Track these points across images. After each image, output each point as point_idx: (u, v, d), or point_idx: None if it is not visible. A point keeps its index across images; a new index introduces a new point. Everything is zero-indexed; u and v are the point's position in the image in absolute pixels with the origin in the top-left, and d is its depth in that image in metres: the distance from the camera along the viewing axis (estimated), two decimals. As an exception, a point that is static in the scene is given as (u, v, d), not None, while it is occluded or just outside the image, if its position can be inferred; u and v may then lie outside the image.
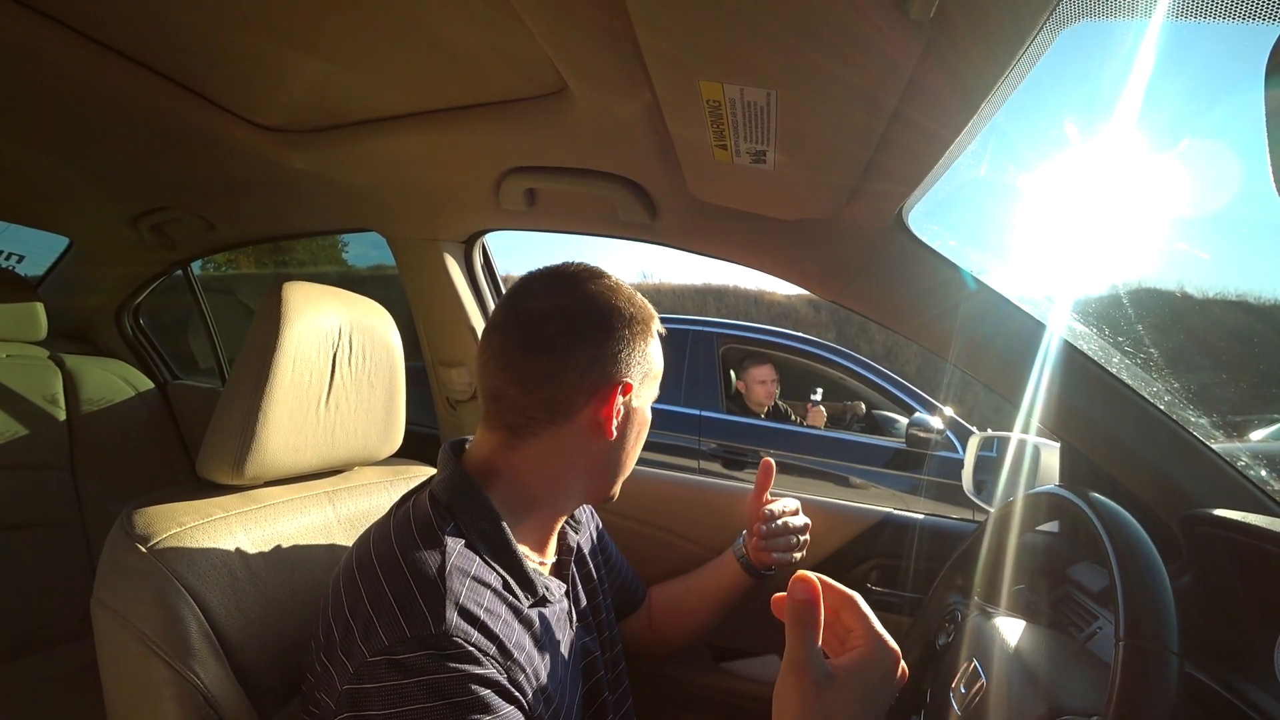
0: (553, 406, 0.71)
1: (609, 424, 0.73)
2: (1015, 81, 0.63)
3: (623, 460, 0.79)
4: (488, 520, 0.70)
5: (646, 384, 0.78)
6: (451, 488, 0.71)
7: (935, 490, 3.03)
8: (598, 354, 0.72)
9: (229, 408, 0.80)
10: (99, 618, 0.69)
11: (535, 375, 0.71)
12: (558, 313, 0.72)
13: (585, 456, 0.75)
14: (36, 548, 1.58)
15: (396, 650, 0.57)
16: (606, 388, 0.72)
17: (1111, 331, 1.02)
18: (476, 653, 0.59)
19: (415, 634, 0.57)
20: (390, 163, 1.15)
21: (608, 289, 0.75)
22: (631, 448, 0.80)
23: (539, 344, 0.71)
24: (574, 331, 0.71)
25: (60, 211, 1.80)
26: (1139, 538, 0.61)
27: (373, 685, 0.56)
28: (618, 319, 0.74)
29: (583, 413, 0.72)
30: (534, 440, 0.73)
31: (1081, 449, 0.99)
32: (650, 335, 0.78)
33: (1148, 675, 0.51)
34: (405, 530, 0.66)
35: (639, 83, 0.73)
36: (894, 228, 0.96)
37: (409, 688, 0.55)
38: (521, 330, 0.72)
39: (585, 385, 0.71)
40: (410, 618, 0.58)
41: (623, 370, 0.73)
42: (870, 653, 0.53)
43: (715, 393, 3.41)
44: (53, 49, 0.89)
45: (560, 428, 0.73)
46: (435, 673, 0.56)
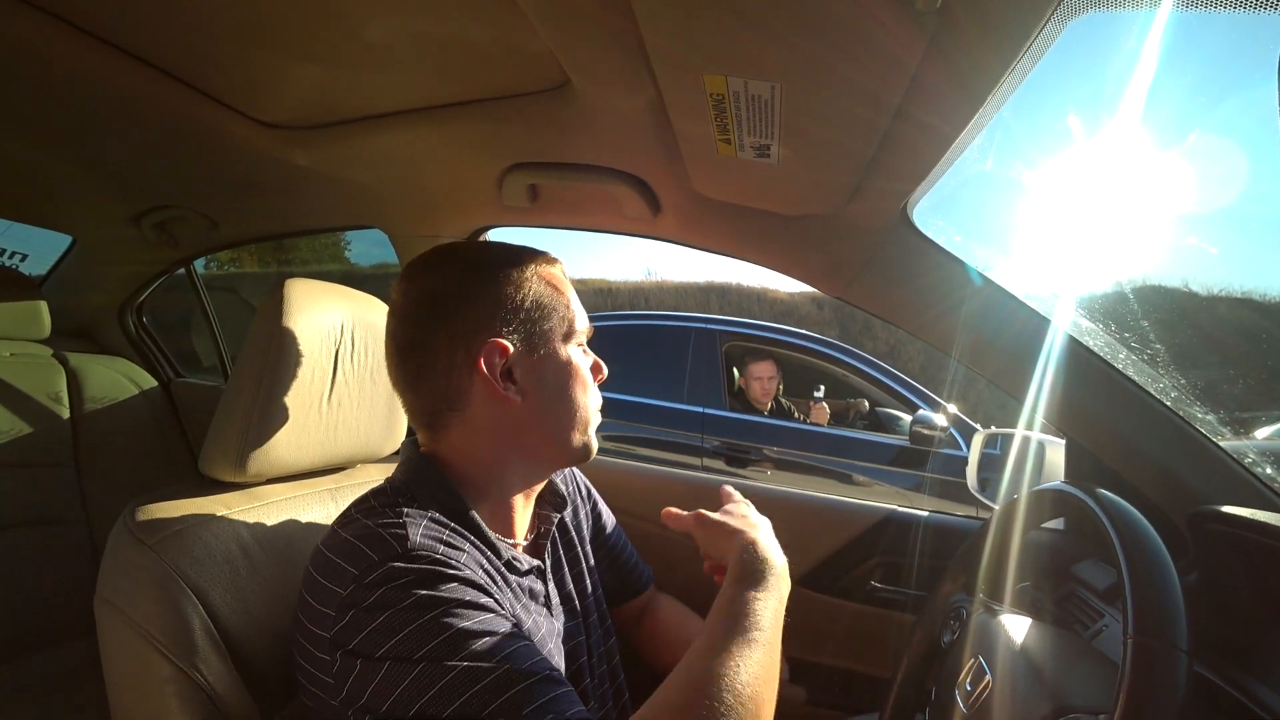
0: (444, 396, 0.71)
1: (498, 390, 0.70)
2: (1021, 75, 0.63)
3: (562, 415, 0.75)
4: (444, 492, 0.70)
5: (547, 328, 0.74)
6: (409, 468, 0.73)
7: (939, 488, 3.02)
8: (454, 330, 0.70)
9: (231, 405, 0.80)
10: (102, 614, 0.69)
11: (412, 376, 0.72)
12: (410, 311, 0.72)
13: (506, 428, 0.73)
14: (40, 545, 1.58)
15: (365, 575, 0.57)
16: (483, 359, 0.70)
17: (1117, 327, 1.01)
18: (445, 558, 0.60)
19: (381, 557, 0.58)
20: (393, 159, 1.15)
21: (452, 262, 0.74)
22: (562, 400, 0.75)
23: (402, 348, 0.72)
24: (424, 319, 0.71)
25: (63, 210, 1.80)
26: (1147, 534, 0.60)
27: (353, 613, 0.56)
28: (465, 287, 0.71)
29: (473, 390, 0.71)
30: (449, 431, 0.73)
31: (1087, 446, 0.98)
32: (518, 283, 0.73)
33: (1156, 673, 0.50)
34: (363, 502, 0.69)
35: (642, 77, 0.73)
36: (898, 223, 0.95)
37: (383, 595, 0.56)
38: (390, 340, 0.74)
39: (458, 363, 0.70)
40: (374, 545, 0.59)
41: (486, 332, 0.70)
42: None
43: (718, 390, 3.40)
44: (55, 46, 0.88)
45: (463, 412, 0.72)
46: (405, 575, 0.57)
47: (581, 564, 0.91)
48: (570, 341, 0.77)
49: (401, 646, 0.53)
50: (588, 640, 0.86)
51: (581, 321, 0.79)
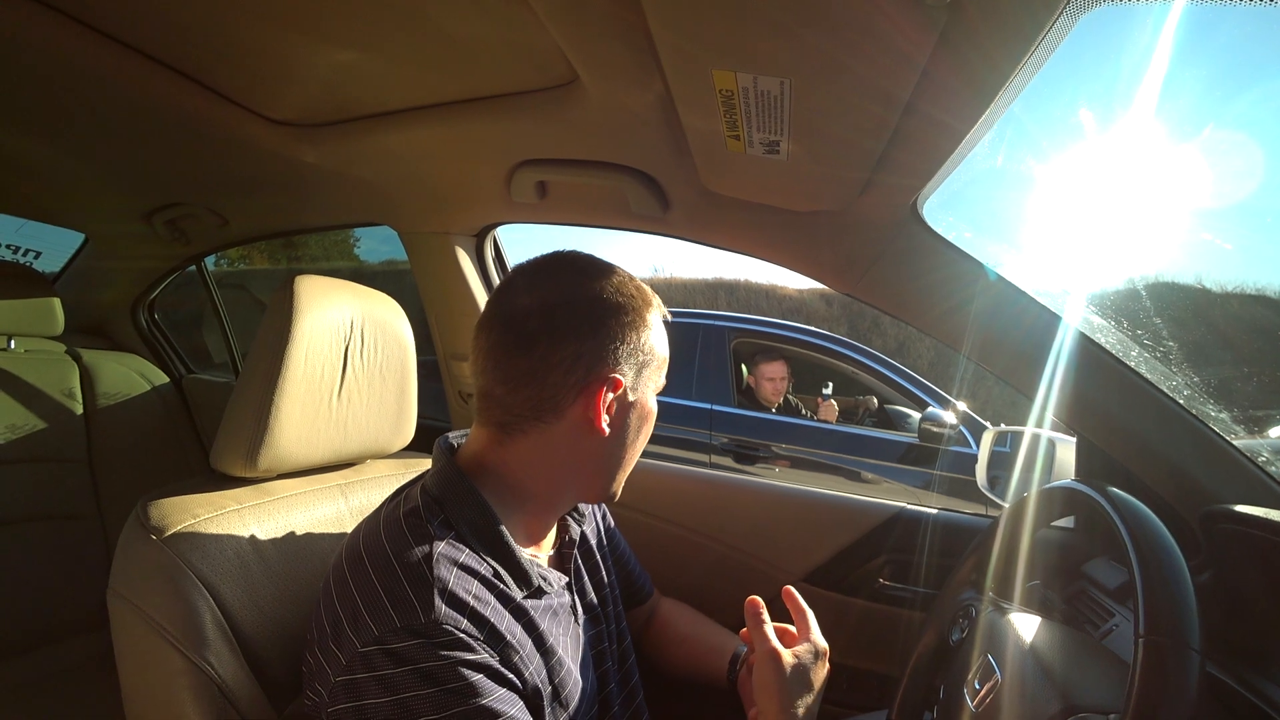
0: (538, 405, 0.70)
1: (599, 421, 0.70)
2: (1033, 70, 0.62)
3: (623, 456, 0.76)
4: (477, 512, 0.69)
5: (645, 375, 0.75)
6: (443, 481, 0.71)
7: (948, 485, 3.01)
8: (582, 350, 0.69)
9: (242, 400, 0.80)
10: (115, 608, 0.70)
11: (519, 374, 0.70)
12: (539, 309, 0.70)
13: (578, 453, 0.73)
14: (55, 539, 1.60)
15: (387, 640, 0.57)
16: (594, 383, 0.70)
17: (1130, 325, 1.00)
18: (467, 639, 0.59)
19: (405, 623, 0.58)
20: (401, 156, 1.16)
21: (596, 279, 0.73)
22: (632, 443, 0.76)
23: (520, 342, 0.69)
24: (555, 328, 0.69)
25: (76, 208, 1.82)
26: (1159, 533, 0.60)
27: (365, 675, 0.56)
28: (604, 311, 0.71)
29: (571, 410, 0.70)
30: (523, 438, 0.72)
31: (1098, 444, 0.97)
32: (645, 324, 0.74)
33: (1168, 672, 0.50)
34: (393, 522, 0.66)
35: (651, 73, 0.73)
36: (908, 219, 0.94)
37: (401, 675, 0.56)
38: (504, 328, 0.71)
39: (570, 383, 0.69)
40: (399, 607, 0.58)
41: (610, 365, 0.70)
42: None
43: (726, 387, 3.40)
44: (67, 45, 0.89)
45: (549, 425, 0.71)
46: (427, 660, 0.57)
47: (601, 572, 0.91)
48: (656, 391, 0.78)
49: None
50: (610, 648, 0.87)
51: (665, 373, 0.79)
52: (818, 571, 1.29)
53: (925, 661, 0.92)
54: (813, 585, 1.29)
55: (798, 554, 1.30)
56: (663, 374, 0.78)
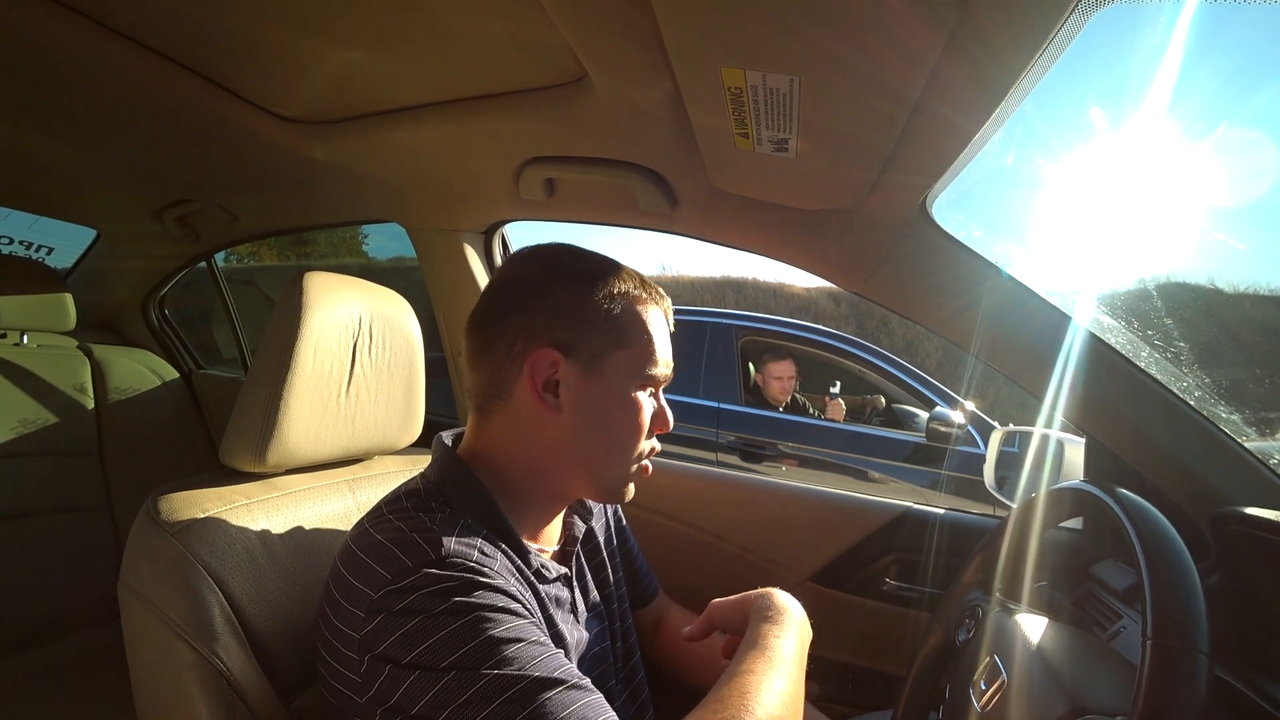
0: (494, 380, 0.71)
1: (537, 396, 0.69)
2: (1044, 68, 0.61)
3: (594, 446, 0.73)
4: (475, 494, 0.70)
5: (617, 358, 0.71)
6: (442, 467, 0.72)
7: (956, 485, 2.99)
8: (524, 322, 0.70)
9: (251, 396, 0.81)
10: (125, 601, 0.70)
11: (477, 351, 0.73)
12: (498, 286, 0.73)
13: (544, 436, 0.72)
14: (66, 532, 1.61)
15: (399, 579, 0.57)
16: (536, 357, 0.69)
17: (1140, 325, 0.99)
18: (479, 566, 0.60)
19: (415, 562, 0.58)
20: (410, 153, 1.16)
21: (558, 260, 0.73)
22: (604, 431, 0.73)
23: (481, 320, 0.73)
24: (506, 300, 0.72)
25: (88, 204, 1.83)
26: (1168, 535, 0.59)
27: (383, 617, 0.56)
28: (557, 282, 0.70)
29: (516, 386, 0.70)
30: (491, 418, 0.73)
31: (1108, 444, 0.97)
32: (612, 305, 0.71)
33: (1176, 675, 0.50)
34: (393, 500, 0.68)
35: (660, 70, 0.73)
36: (917, 218, 0.94)
37: (416, 600, 0.55)
38: (476, 310, 0.75)
39: (513, 355, 0.70)
40: (409, 551, 0.59)
41: (545, 337, 0.69)
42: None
43: (733, 385, 3.40)
44: (78, 44, 0.90)
45: (505, 404, 0.72)
46: (439, 582, 0.57)
47: (606, 571, 0.91)
48: (635, 383, 0.73)
49: (431, 654, 0.54)
50: (612, 646, 0.86)
51: (659, 368, 0.75)
52: (823, 571, 1.28)
53: (931, 661, 0.92)
54: (818, 584, 1.29)
55: (803, 553, 1.30)
56: (650, 363, 0.74)
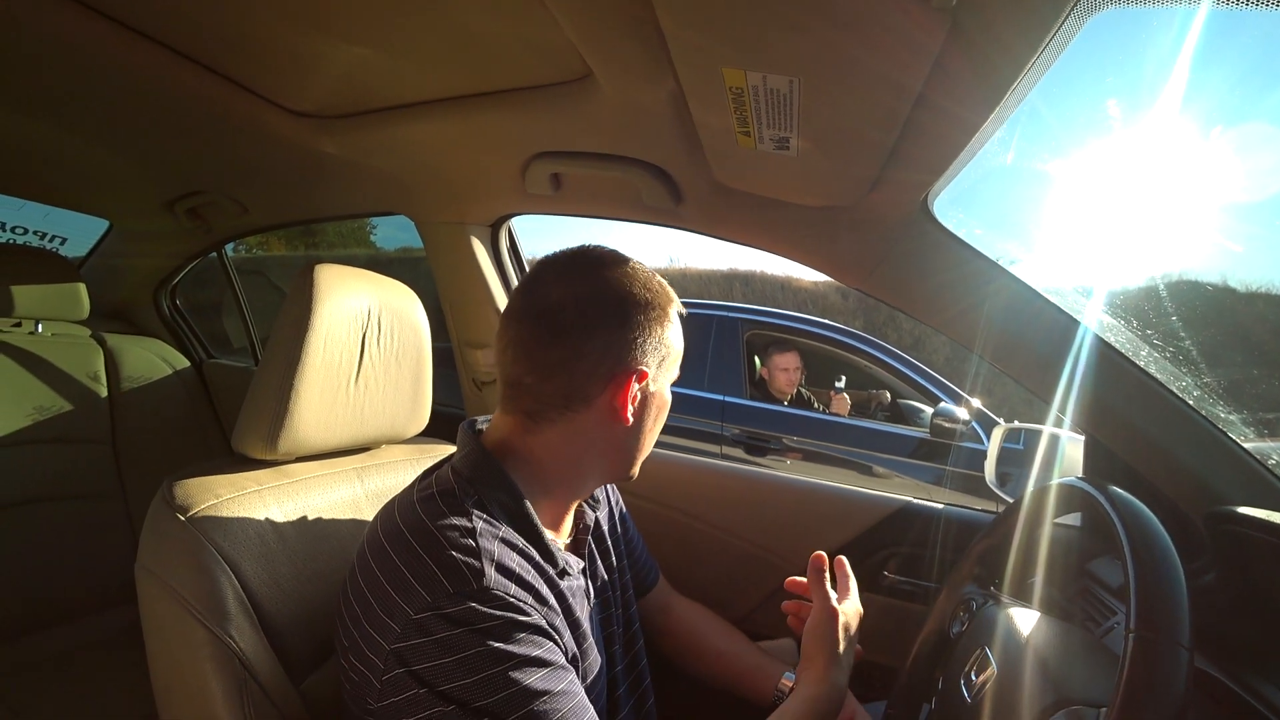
0: (568, 394, 0.72)
1: (624, 411, 0.73)
2: (1043, 68, 0.62)
3: (641, 443, 0.80)
4: (508, 494, 0.72)
5: (665, 368, 0.78)
6: (473, 463, 0.73)
7: (960, 481, 3.00)
8: (611, 341, 0.72)
9: (263, 385, 0.83)
10: (142, 582, 0.73)
11: (550, 365, 0.72)
12: (571, 301, 0.72)
13: (602, 441, 0.76)
14: (81, 518, 1.64)
15: (442, 605, 0.59)
16: (621, 375, 0.72)
17: (1140, 324, 1.00)
18: (518, 601, 0.62)
19: (458, 589, 0.60)
20: (418, 147, 1.17)
21: (623, 275, 0.75)
22: (649, 431, 0.80)
23: (553, 334, 0.71)
24: (587, 320, 0.71)
25: (101, 196, 1.86)
26: (1154, 530, 0.60)
27: (423, 640, 0.58)
28: (632, 305, 0.73)
29: (598, 400, 0.73)
30: (550, 426, 0.74)
31: (1105, 442, 0.98)
32: (668, 319, 0.77)
33: (1156, 667, 0.51)
34: (430, 500, 0.69)
35: (663, 69, 0.74)
36: (919, 215, 0.95)
37: (459, 636, 0.58)
38: (536, 320, 0.72)
39: (600, 373, 0.72)
40: (451, 576, 0.61)
41: (638, 357, 0.73)
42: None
43: (739, 379, 3.41)
44: (94, 39, 0.91)
45: (576, 414, 0.73)
46: (483, 621, 0.59)
47: (611, 558, 0.94)
48: (671, 382, 0.81)
49: (467, 691, 0.57)
50: (618, 630, 0.90)
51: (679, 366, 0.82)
52: (823, 563, 1.30)
53: (925, 654, 0.93)
54: (818, 577, 1.30)
55: (803, 546, 1.31)
56: (678, 367, 0.81)
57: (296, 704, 0.75)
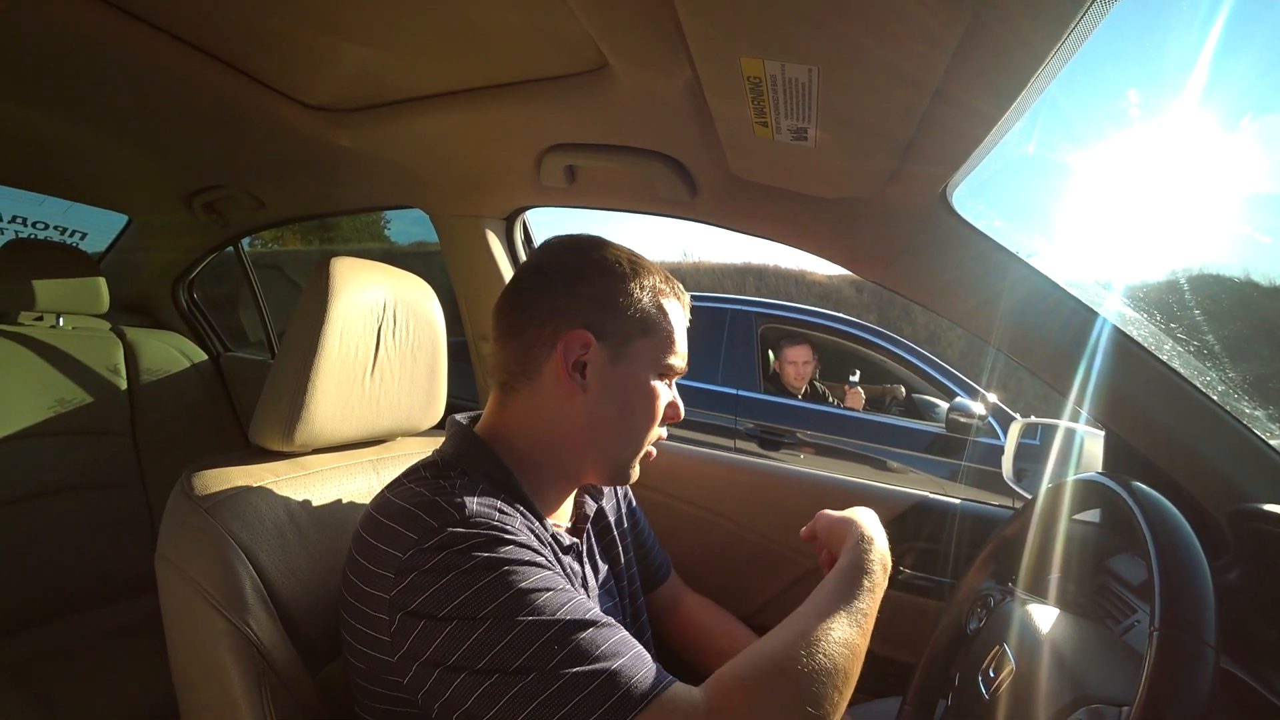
0: (522, 359, 0.74)
1: (565, 375, 0.73)
2: (1066, 55, 0.61)
3: (619, 430, 0.77)
4: (493, 465, 0.73)
5: (640, 345, 0.76)
6: (457, 443, 0.75)
7: (975, 477, 2.97)
8: (557, 305, 0.73)
9: (280, 378, 0.83)
10: (162, 571, 0.73)
11: (507, 329, 0.76)
12: (533, 270, 0.77)
13: (565, 417, 0.75)
14: (101, 508, 1.67)
15: (426, 539, 0.60)
16: (569, 338, 0.72)
17: (1163, 317, 0.98)
18: (500, 525, 0.63)
19: (441, 522, 0.61)
20: (433, 140, 1.17)
21: (593, 249, 0.76)
22: (625, 416, 0.77)
23: (513, 300, 0.76)
24: (541, 284, 0.75)
25: (120, 191, 1.88)
26: (1179, 526, 0.59)
27: (414, 575, 0.58)
28: (587, 272, 0.74)
29: (546, 365, 0.74)
30: (517, 397, 0.76)
31: (1126, 437, 0.96)
32: (634, 291, 0.75)
33: (1181, 667, 0.50)
34: (414, 471, 0.71)
35: (679, 60, 0.73)
36: (938, 207, 0.94)
37: (445, 560, 0.58)
38: (508, 290, 0.78)
39: (544, 336, 0.73)
40: (432, 513, 0.62)
41: (583, 320, 0.73)
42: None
43: (753, 372, 3.39)
44: (113, 35, 0.92)
45: (533, 382, 0.75)
46: (465, 541, 0.59)
47: (617, 550, 0.94)
48: (654, 371, 0.78)
49: (466, 606, 0.56)
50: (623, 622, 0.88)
51: (677, 360, 0.80)
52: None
53: (942, 649, 0.92)
54: (832, 571, 1.29)
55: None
56: (669, 353, 0.78)
57: (313, 693, 0.75)
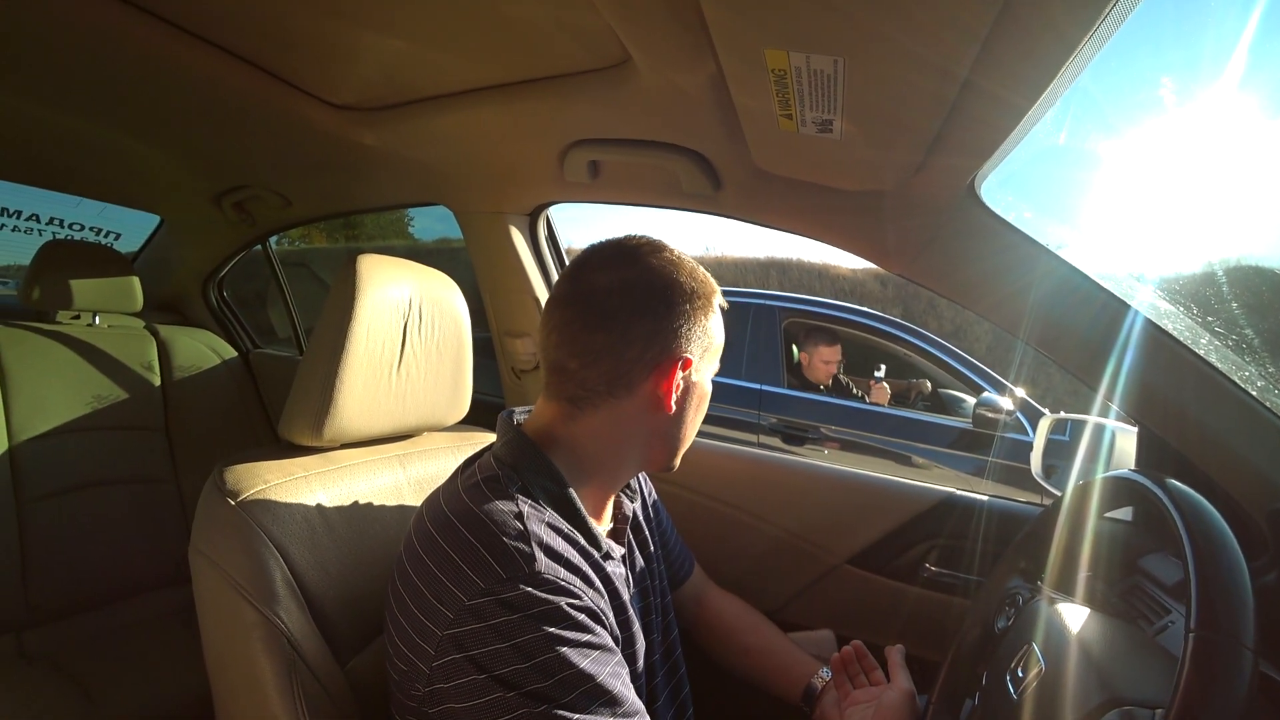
0: (612, 380, 0.73)
1: (668, 399, 0.73)
2: (1097, 46, 0.59)
3: (682, 433, 0.80)
4: (552, 480, 0.72)
5: (707, 358, 0.78)
6: (514, 450, 0.74)
7: (1003, 473, 2.93)
8: (657, 329, 0.72)
9: (309, 374, 0.85)
10: (196, 563, 0.75)
11: (595, 350, 0.72)
12: (619, 287, 0.72)
13: (644, 429, 0.76)
14: (136, 501, 1.72)
15: (496, 591, 0.60)
16: (666, 363, 0.72)
17: (1200, 311, 0.96)
18: (568, 585, 0.63)
19: (511, 575, 0.61)
20: (457, 138, 1.18)
21: (669, 263, 0.75)
22: (691, 421, 0.80)
23: (599, 319, 0.72)
24: (633, 306, 0.72)
25: (152, 192, 1.92)
26: (1216, 525, 0.58)
27: (478, 624, 0.59)
28: (678, 294, 0.73)
29: (642, 387, 0.73)
30: (594, 412, 0.75)
31: (1160, 434, 0.94)
32: (711, 310, 0.77)
33: (1218, 669, 0.49)
34: (475, 488, 0.69)
35: (703, 53, 0.73)
36: (965, 199, 0.92)
37: (515, 622, 0.59)
38: (582, 304, 0.73)
39: (645, 360, 0.72)
40: (502, 561, 0.62)
41: (682, 345, 0.73)
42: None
43: (777, 367, 3.38)
44: (144, 40, 0.94)
45: (620, 400, 0.74)
46: (537, 605, 0.60)
47: (650, 546, 0.95)
48: (713, 372, 0.81)
49: (522, 675, 0.58)
50: (655, 619, 0.90)
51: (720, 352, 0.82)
52: (862, 555, 1.28)
53: (968, 648, 0.91)
54: (857, 568, 1.29)
55: (842, 536, 1.30)
56: (718, 359, 0.81)
57: (342, 684, 0.77)
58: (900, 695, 0.86)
